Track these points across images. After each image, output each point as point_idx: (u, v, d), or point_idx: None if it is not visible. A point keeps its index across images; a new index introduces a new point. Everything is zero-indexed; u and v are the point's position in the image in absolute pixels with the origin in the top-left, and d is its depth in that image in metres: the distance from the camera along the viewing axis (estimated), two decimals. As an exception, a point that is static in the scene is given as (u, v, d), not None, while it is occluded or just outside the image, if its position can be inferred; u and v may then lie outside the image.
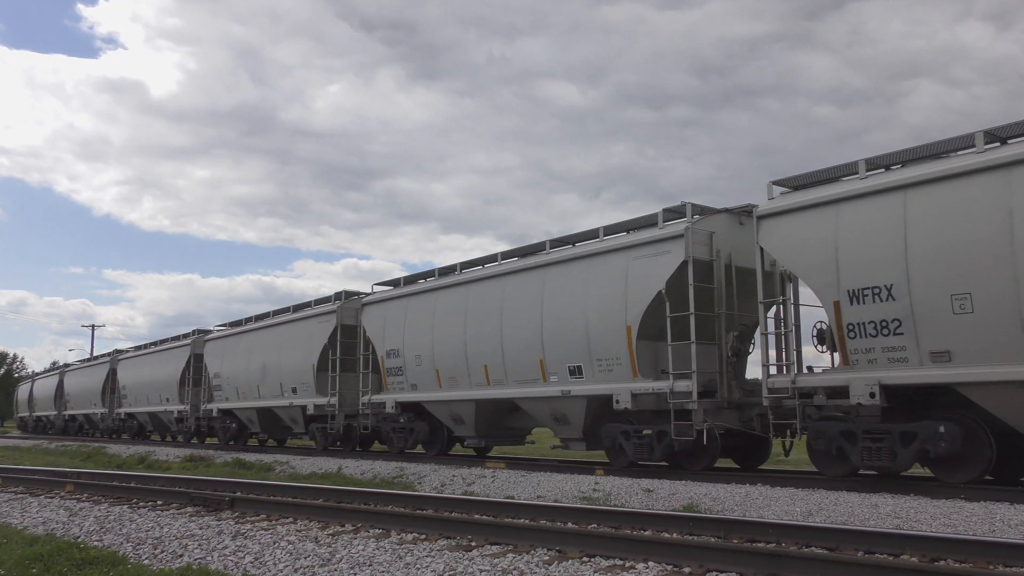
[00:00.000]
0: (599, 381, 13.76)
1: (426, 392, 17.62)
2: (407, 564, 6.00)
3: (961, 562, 5.74)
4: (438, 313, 17.38)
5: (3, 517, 9.42)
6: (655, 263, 13.11)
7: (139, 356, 33.30)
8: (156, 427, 32.29)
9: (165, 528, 8.00)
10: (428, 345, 17.43)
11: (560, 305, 14.51)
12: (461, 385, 16.61)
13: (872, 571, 5.15)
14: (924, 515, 8.42)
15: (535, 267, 15.39)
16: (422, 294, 18.20)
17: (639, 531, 7.32)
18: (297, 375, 21.89)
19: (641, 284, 13.21)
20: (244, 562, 6.31)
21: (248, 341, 24.90)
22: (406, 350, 18.09)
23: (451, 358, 16.81)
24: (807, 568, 5.35)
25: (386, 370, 18.74)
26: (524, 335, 15.12)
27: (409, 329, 18.09)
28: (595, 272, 14.10)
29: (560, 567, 5.84)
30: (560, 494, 11.19)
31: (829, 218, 11.14)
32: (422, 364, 17.59)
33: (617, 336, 13.41)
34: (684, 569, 5.69)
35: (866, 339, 10.66)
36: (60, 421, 43.60)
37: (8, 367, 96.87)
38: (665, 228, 13.27)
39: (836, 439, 10.99)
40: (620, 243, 13.91)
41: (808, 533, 6.62)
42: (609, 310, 13.60)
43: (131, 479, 13.74)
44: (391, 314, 18.88)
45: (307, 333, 21.74)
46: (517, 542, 6.80)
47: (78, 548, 6.75)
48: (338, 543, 6.91)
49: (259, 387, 23.67)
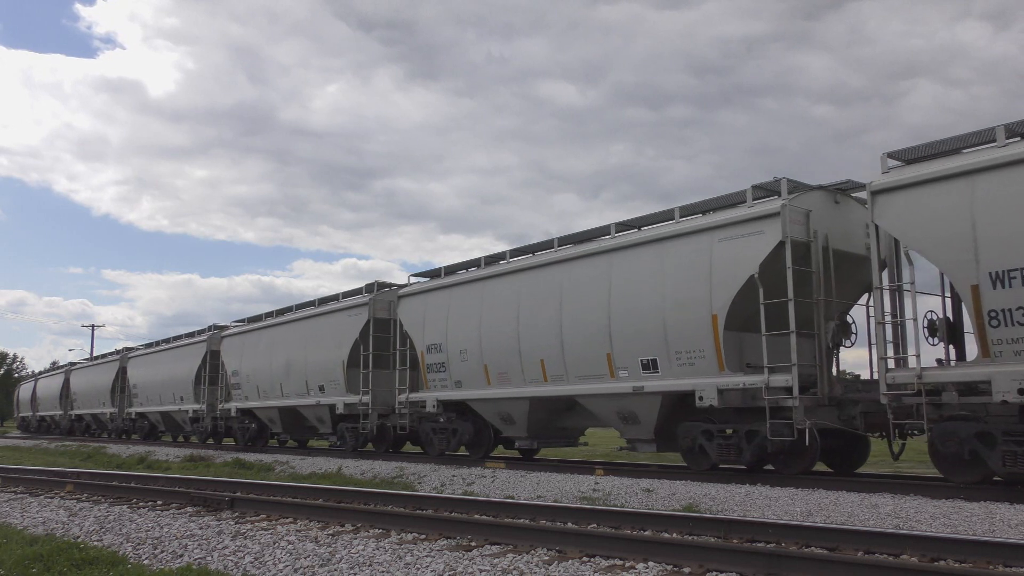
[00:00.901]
0: (678, 376, 12.52)
1: (472, 390, 16.33)
2: (407, 564, 6.00)
3: (961, 562, 5.74)
4: (486, 304, 16.11)
5: (3, 517, 9.42)
6: (746, 245, 11.82)
7: (151, 354, 32.16)
8: (169, 427, 31.36)
9: (165, 528, 8.00)
10: (475, 339, 16.17)
11: (630, 294, 13.25)
12: (513, 382, 15.36)
13: (872, 571, 5.14)
14: (924, 515, 8.42)
15: (599, 252, 14.02)
16: (467, 284, 16.83)
17: (639, 531, 7.32)
18: (325, 372, 20.44)
19: (729, 268, 11.94)
20: (244, 562, 6.31)
21: (270, 337, 23.57)
22: (450, 345, 16.78)
23: (502, 352, 15.55)
24: (807, 568, 5.35)
25: (426, 366, 17.45)
26: (588, 327, 13.85)
27: (453, 322, 16.82)
28: (673, 256, 12.80)
29: (560, 567, 5.83)
30: (560, 494, 11.19)
31: (964, 191, 9.90)
32: (468, 359, 16.33)
33: (700, 326, 12.20)
34: (684, 569, 5.69)
35: (1013, 327, 9.40)
36: (66, 421, 42.76)
37: (8, 367, 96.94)
38: (756, 206, 11.97)
39: (970, 441, 9.81)
40: (703, 224, 12.53)
41: (808, 533, 6.62)
42: (690, 298, 12.35)
43: (131, 479, 13.74)
44: (432, 306, 17.55)
45: (336, 327, 20.28)
46: (517, 542, 6.80)
47: (78, 548, 6.75)
48: (338, 543, 6.91)
49: (282, 385, 22.40)
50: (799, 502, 9.55)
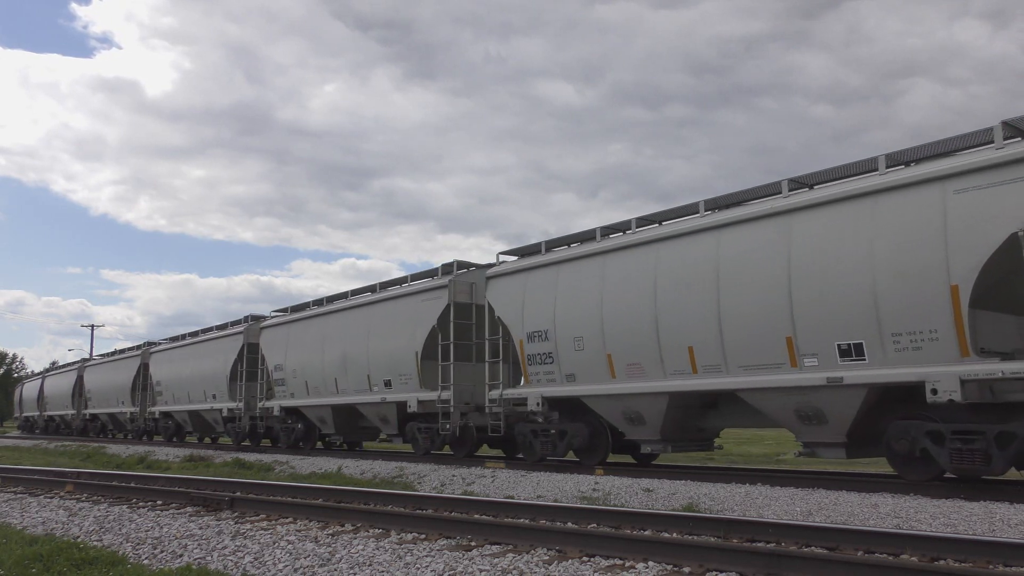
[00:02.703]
0: (896, 364, 10.12)
1: (590, 384, 14.00)
2: (407, 564, 6.00)
3: (961, 562, 5.73)
4: (609, 282, 13.68)
5: (3, 517, 9.41)
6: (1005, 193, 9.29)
7: (177, 348, 29.69)
8: (197, 428, 28.88)
9: (165, 528, 8.00)
10: (595, 324, 13.77)
11: (824, 263, 10.86)
12: (649, 374, 13.01)
13: (872, 571, 5.14)
14: (924, 515, 8.42)
15: (772, 214, 11.61)
16: (582, 260, 14.38)
17: (639, 531, 7.31)
18: (393, 365, 17.98)
19: (978, 224, 9.45)
20: (244, 562, 6.31)
21: (320, 327, 21.04)
22: (559, 331, 14.42)
23: (633, 339, 13.17)
24: (807, 568, 5.35)
25: (527, 357, 15.07)
26: (756, 305, 11.53)
27: (563, 305, 14.44)
28: (886, 213, 10.34)
29: (560, 567, 5.83)
30: (560, 494, 11.19)
31: None
32: (585, 348, 13.95)
33: (932, 300, 9.79)
34: (684, 569, 5.69)
35: None
36: (79, 421, 40.17)
37: (8, 367, 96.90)
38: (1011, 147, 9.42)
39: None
40: (936, 171, 10.03)
41: (808, 533, 6.62)
42: (916, 264, 9.93)
43: (131, 479, 13.74)
44: (535, 287, 15.16)
45: (408, 314, 17.80)
46: (517, 542, 6.79)
47: (78, 548, 6.74)
48: (338, 543, 6.91)
49: (337, 381, 19.93)
50: (799, 502, 9.56)
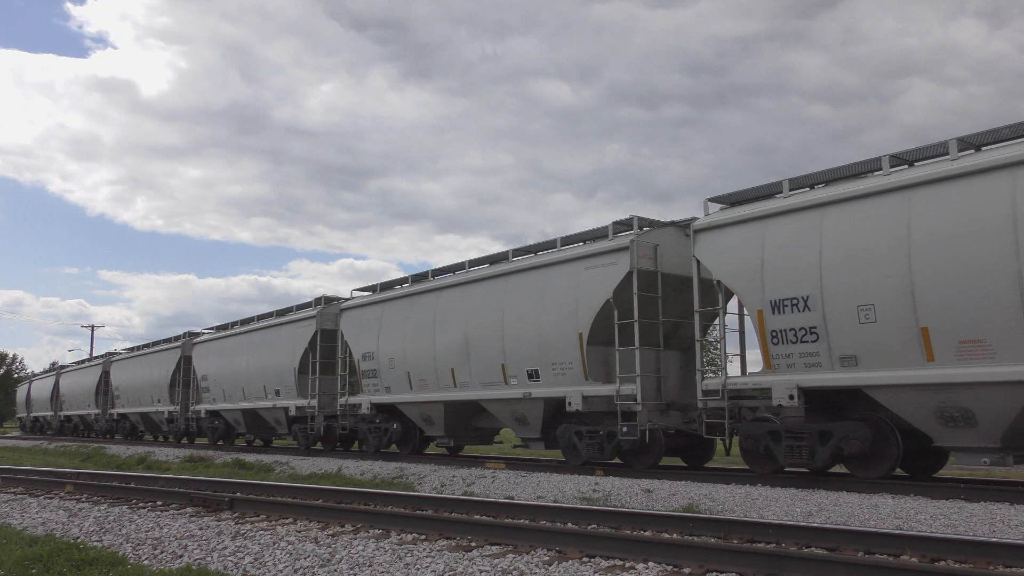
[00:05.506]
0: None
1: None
2: (407, 564, 6.00)
3: (961, 562, 5.74)
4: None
5: (3, 518, 9.42)
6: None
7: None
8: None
9: (165, 528, 7.99)
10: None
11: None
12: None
13: (872, 571, 5.14)
14: (924, 515, 8.43)
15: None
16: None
17: (639, 531, 7.32)
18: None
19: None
20: (244, 562, 6.31)
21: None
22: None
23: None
24: (807, 568, 5.35)
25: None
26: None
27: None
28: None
29: (560, 567, 5.83)
30: (560, 494, 11.20)
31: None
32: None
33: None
34: (684, 569, 5.69)
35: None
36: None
37: (8, 367, 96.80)
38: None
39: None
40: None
41: (808, 533, 6.62)
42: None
43: (131, 480, 13.74)
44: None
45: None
46: (517, 542, 6.80)
47: (78, 549, 6.75)
48: (338, 543, 6.91)
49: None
50: (799, 502, 9.55)
